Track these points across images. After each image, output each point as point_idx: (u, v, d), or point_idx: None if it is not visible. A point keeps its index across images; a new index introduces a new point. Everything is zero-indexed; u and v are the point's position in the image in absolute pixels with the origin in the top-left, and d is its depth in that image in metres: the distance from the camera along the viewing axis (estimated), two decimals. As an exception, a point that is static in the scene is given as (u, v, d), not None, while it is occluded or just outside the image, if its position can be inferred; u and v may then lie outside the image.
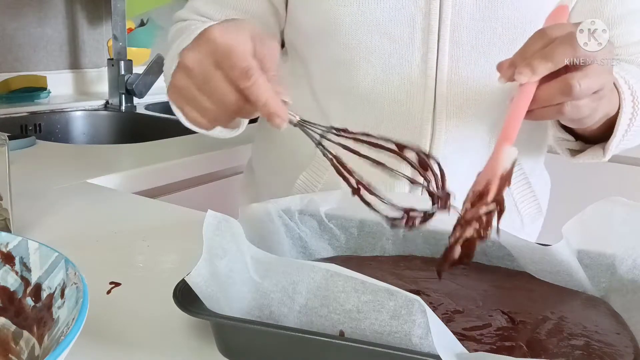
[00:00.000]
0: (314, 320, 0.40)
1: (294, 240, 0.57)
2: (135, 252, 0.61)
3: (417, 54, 0.68)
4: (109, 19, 1.66)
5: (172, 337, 0.45)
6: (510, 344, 0.43)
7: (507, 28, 0.67)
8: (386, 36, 0.67)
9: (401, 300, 0.38)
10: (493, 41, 0.67)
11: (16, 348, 0.40)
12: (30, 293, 0.41)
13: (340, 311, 0.40)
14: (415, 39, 0.67)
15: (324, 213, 0.58)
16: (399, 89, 0.69)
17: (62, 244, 0.48)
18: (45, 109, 1.45)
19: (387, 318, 0.38)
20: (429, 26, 0.67)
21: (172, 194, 1.05)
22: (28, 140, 1.08)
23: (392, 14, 0.66)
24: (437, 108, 0.69)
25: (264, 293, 0.42)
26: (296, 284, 0.41)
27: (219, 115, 0.48)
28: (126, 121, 1.56)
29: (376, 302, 0.39)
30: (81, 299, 0.36)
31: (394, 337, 0.38)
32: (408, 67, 0.68)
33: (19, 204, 0.65)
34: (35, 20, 1.56)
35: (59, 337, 0.36)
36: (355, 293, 0.39)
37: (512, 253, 0.56)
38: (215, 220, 0.43)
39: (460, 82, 0.68)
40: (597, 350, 0.43)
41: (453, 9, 0.66)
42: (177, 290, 0.42)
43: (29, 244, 0.42)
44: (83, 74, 1.70)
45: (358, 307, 0.39)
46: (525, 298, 0.51)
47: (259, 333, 0.40)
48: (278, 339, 0.40)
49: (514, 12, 0.66)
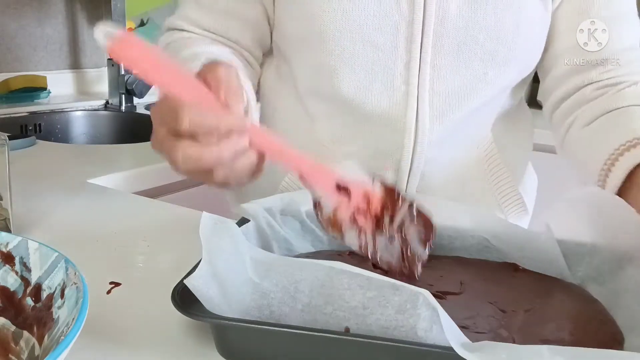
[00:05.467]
0: (318, 318, 0.40)
1: (279, 242, 0.56)
2: (135, 252, 0.61)
3: (400, 62, 0.68)
4: (109, 19, 1.66)
5: (172, 337, 0.45)
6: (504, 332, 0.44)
7: (489, 38, 0.67)
8: (369, 44, 0.67)
9: (406, 294, 0.38)
10: (475, 51, 0.67)
11: (16, 348, 0.40)
12: (30, 293, 0.41)
13: (345, 308, 0.40)
14: (398, 47, 0.67)
15: (305, 213, 0.58)
16: (382, 95, 0.69)
17: (62, 244, 0.48)
18: (45, 109, 1.45)
19: (393, 313, 0.38)
20: (412, 35, 0.67)
21: (172, 194, 1.05)
22: (28, 140, 1.08)
23: (376, 21, 0.66)
24: (420, 114, 0.69)
25: (263, 293, 0.42)
26: (298, 282, 0.41)
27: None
28: (126, 121, 1.56)
29: (381, 297, 0.39)
30: (81, 299, 0.36)
31: (399, 331, 0.38)
32: (391, 74, 0.68)
33: (19, 204, 0.65)
34: (35, 20, 1.56)
35: (59, 337, 0.36)
36: (360, 289, 0.39)
37: (493, 243, 0.56)
38: (211, 222, 0.43)
39: (443, 90, 0.69)
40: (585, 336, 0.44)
41: (436, 19, 0.66)
42: (176, 293, 0.42)
43: (29, 244, 0.42)
44: (83, 74, 1.71)
45: (364, 304, 0.39)
46: (509, 287, 0.52)
47: (262, 333, 0.40)
48: (281, 339, 0.40)
49: (496, 23, 0.66)
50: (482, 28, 0.67)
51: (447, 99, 0.69)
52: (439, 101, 0.69)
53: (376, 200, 0.50)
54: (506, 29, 0.67)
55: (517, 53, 0.68)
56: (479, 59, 0.68)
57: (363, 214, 0.50)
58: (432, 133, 0.70)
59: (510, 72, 0.71)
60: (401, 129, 0.70)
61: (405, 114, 0.69)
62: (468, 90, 0.69)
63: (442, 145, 0.72)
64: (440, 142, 0.71)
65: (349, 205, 0.49)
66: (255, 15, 0.75)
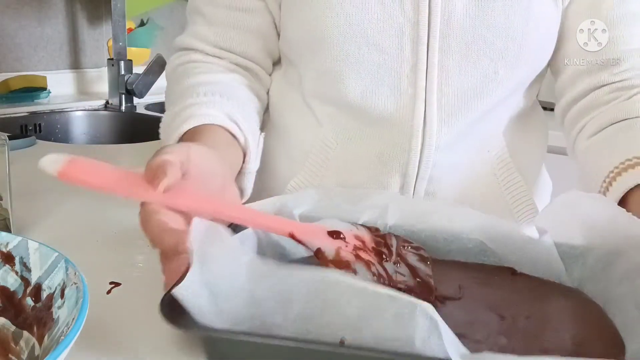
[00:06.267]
0: (311, 329, 0.39)
1: (273, 247, 0.56)
2: (135, 252, 0.61)
3: (407, 65, 0.67)
4: (109, 19, 1.66)
5: (172, 336, 0.45)
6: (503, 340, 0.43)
7: (498, 37, 0.66)
8: (374, 47, 0.66)
9: (403, 304, 0.37)
10: (483, 50, 0.66)
11: (16, 348, 0.40)
12: (30, 293, 0.41)
13: (341, 318, 0.39)
14: (404, 50, 0.66)
15: (298, 217, 0.57)
16: (389, 99, 0.68)
17: (62, 244, 0.48)
18: (45, 109, 1.45)
19: (390, 323, 0.38)
20: (417, 36, 0.66)
21: (172, 194, 1.04)
22: (28, 140, 1.08)
23: (380, 25, 0.65)
24: (428, 117, 0.68)
25: (256, 302, 0.41)
26: (292, 292, 0.40)
27: None
28: (126, 121, 1.56)
29: (378, 307, 0.38)
30: (81, 299, 0.36)
31: (397, 342, 0.38)
32: (397, 78, 0.67)
33: (19, 204, 0.65)
34: (35, 20, 1.56)
35: (59, 337, 0.36)
36: (356, 299, 0.38)
37: (490, 246, 0.56)
38: (202, 227, 0.42)
39: (451, 92, 0.68)
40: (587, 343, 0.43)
41: (442, 19, 0.65)
42: (164, 303, 0.40)
43: (29, 244, 0.42)
44: (83, 74, 1.71)
45: (359, 314, 0.38)
46: (508, 292, 0.52)
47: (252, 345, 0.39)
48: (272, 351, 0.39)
49: (504, 20, 0.65)
50: (491, 26, 0.65)
51: (456, 101, 0.68)
52: (447, 103, 0.68)
53: (368, 238, 0.52)
54: (515, 26, 0.66)
55: (527, 50, 0.67)
56: (488, 58, 0.66)
57: (363, 250, 0.50)
58: (439, 136, 0.69)
59: (521, 70, 0.69)
60: (408, 133, 0.69)
61: (412, 117, 0.68)
62: (478, 91, 0.68)
63: (451, 148, 0.71)
64: (449, 146, 0.70)
65: (347, 246, 0.50)
66: (264, 25, 0.75)
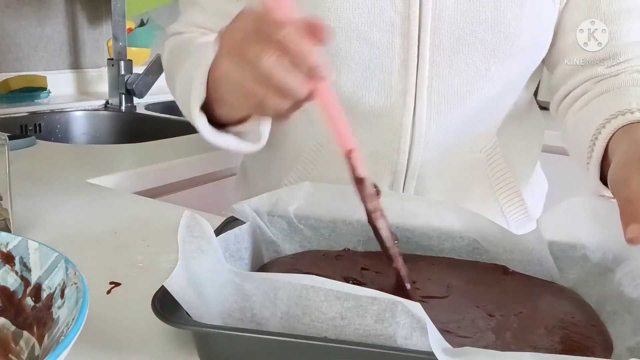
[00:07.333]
0: (297, 327, 0.40)
1: (267, 245, 0.56)
2: (135, 252, 0.61)
3: (397, 59, 0.66)
4: (109, 19, 1.66)
5: (172, 336, 0.45)
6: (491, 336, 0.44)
7: (491, 32, 0.65)
8: (365, 41, 0.66)
9: (384, 303, 0.38)
10: (475, 46, 0.66)
11: (16, 348, 0.40)
12: (30, 293, 0.41)
13: (323, 319, 0.39)
14: (394, 44, 0.66)
15: (293, 213, 0.57)
16: (379, 93, 0.68)
17: (62, 244, 0.48)
18: (45, 109, 1.45)
19: (372, 322, 0.38)
20: (408, 31, 0.65)
21: (172, 194, 1.05)
22: (28, 140, 1.08)
23: (371, 19, 0.65)
24: (417, 112, 0.68)
25: (245, 295, 0.41)
26: (277, 290, 0.40)
27: (256, 100, 0.47)
28: (126, 121, 1.56)
29: (359, 307, 0.38)
30: (81, 299, 0.36)
31: (378, 340, 0.38)
32: (388, 72, 0.67)
33: (19, 204, 0.65)
34: (35, 20, 1.56)
35: (59, 337, 0.36)
36: (337, 300, 0.39)
37: (483, 244, 0.56)
38: (187, 221, 0.42)
39: (441, 88, 0.67)
40: (576, 342, 0.43)
41: (433, 13, 0.65)
42: (156, 300, 0.41)
43: (29, 243, 0.42)
44: (83, 74, 1.70)
45: (341, 314, 0.39)
46: (498, 291, 0.52)
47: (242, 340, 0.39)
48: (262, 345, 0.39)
49: (497, 16, 0.65)
50: (482, 22, 0.65)
51: (447, 98, 0.68)
52: (437, 100, 0.68)
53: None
54: (508, 23, 0.65)
55: (520, 47, 0.67)
56: (480, 54, 0.66)
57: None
58: (429, 134, 0.69)
59: (514, 67, 0.69)
60: (397, 130, 0.69)
61: (402, 112, 0.68)
62: (469, 88, 0.68)
63: (440, 146, 0.71)
64: (439, 144, 0.70)
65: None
66: None
